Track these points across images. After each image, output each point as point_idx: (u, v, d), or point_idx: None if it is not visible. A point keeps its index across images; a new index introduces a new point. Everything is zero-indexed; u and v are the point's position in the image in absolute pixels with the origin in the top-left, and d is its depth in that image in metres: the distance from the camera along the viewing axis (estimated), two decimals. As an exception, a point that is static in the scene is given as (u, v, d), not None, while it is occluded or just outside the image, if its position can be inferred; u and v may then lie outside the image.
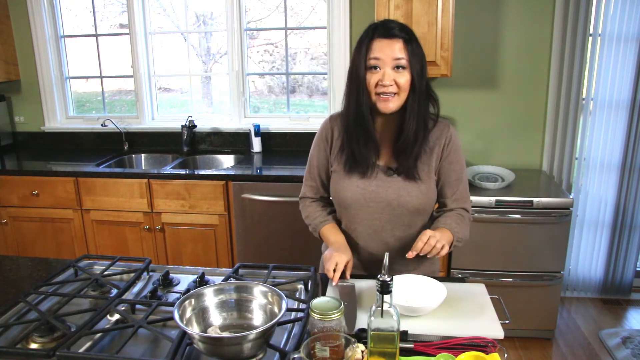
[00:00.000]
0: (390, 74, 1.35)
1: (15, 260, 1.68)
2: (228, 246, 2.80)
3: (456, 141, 1.50)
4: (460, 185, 1.52)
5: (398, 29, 1.36)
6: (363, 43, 1.39)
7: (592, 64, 2.87)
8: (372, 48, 1.36)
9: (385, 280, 0.96)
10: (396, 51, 1.35)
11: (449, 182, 1.51)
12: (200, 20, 3.36)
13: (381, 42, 1.36)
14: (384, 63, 1.35)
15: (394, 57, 1.35)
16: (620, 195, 3.01)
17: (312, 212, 1.61)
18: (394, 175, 1.47)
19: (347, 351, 1.00)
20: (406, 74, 1.36)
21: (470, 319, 1.23)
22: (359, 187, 1.48)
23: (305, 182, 1.65)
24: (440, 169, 1.50)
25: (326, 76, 3.22)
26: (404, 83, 1.36)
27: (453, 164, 1.49)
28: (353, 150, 1.47)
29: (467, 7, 2.87)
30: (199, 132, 3.31)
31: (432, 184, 1.49)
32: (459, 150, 1.51)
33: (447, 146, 1.48)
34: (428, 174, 1.47)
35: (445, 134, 1.48)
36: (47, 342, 1.15)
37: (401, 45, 1.35)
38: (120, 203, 2.82)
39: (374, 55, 1.36)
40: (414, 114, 1.40)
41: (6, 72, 3.33)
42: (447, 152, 1.48)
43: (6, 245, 3.03)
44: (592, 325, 2.87)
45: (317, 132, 1.61)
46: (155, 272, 1.53)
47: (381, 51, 1.35)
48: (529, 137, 3.05)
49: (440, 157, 1.49)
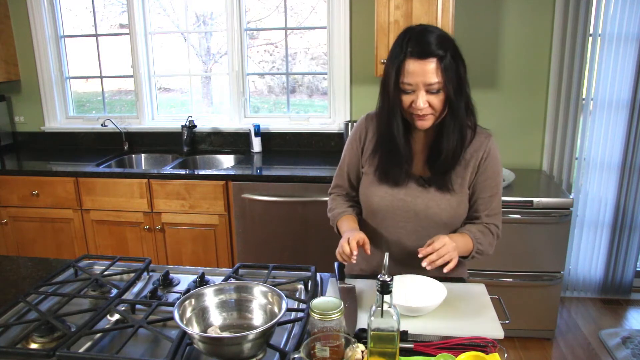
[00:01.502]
0: (423, 96, 1.28)
1: (15, 260, 1.68)
2: (228, 246, 2.80)
3: (495, 155, 1.44)
4: (493, 202, 1.46)
5: (435, 44, 1.26)
6: (395, 60, 1.29)
7: (592, 64, 2.87)
8: (404, 71, 1.27)
9: (385, 280, 0.96)
10: (428, 75, 1.26)
11: (483, 198, 1.45)
12: (200, 20, 3.36)
13: (413, 64, 1.26)
14: (417, 87, 1.28)
15: (426, 83, 1.26)
16: (620, 195, 3.01)
17: (335, 205, 1.59)
18: (426, 186, 1.43)
19: (347, 351, 1.00)
20: (441, 95, 1.29)
21: (470, 319, 1.23)
22: (387, 193, 1.45)
23: (335, 179, 1.63)
24: (475, 184, 1.44)
25: (326, 76, 3.22)
26: (438, 104, 1.30)
27: (489, 179, 1.43)
28: (384, 164, 1.44)
29: (467, 7, 2.87)
30: (199, 132, 3.31)
31: (465, 197, 1.44)
32: (497, 165, 1.44)
33: (485, 160, 1.42)
34: (461, 187, 1.42)
35: (484, 147, 1.42)
36: (47, 342, 1.15)
37: (434, 66, 1.26)
38: (120, 203, 2.82)
39: (406, 81, 1.28)
40: (451, 132, 1.34)
41: (6, 72, 3.33)
42: (484, 167, 1.42)
43: (6, 245, 3.03)
44: (592, 325, 2.87)
45: (352, 130, 1.57)
46: (155, 272, 1.53)
47: (414, 76, 1.27)
48: (529, 137, 3.05)
49: (477, 172, 1.43)
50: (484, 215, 1.46)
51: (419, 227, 1.44)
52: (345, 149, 1.58)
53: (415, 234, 1.45)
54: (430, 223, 1.43)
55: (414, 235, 1.45)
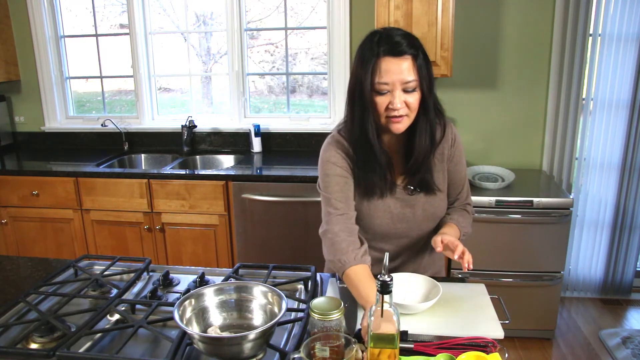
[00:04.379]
0: (400, 96, 1.26)
1: (15, 260, 1.67)
2: (228, 246, 2.80)
3: (459, 140, 1.48)
4: (464, 184, 1.53)
5: (406, 44, 1.25)
6: (368, 61, 1.25)
7: (592, 64, 2.87)
8: (379, 70, 1.24)
9: (385, 280, 0.96)
10: (405, 73, 1.24)
11: (455, 182, 1.50)
12: (200, 20, 3.36)
13: (388, 62, 1.24)
14: (393, 86, 1.25)
15: (403, 81, 1.24)
16: (620, 195, 3.00)
17: (345, 247, 1.33)
18: (416, 193, 1.44)
19: (347, 351, 1.00)
20: (416, 94, 1.28)
21: (470, 319, 1.23)
22: (385, 211, 1.43)
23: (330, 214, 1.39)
24: (449, 171, 1.49)
25: (326, 76, 3.22)
26: (414, 103, 1.28)
27: (458, 164, 1.49)
28: (366, 178, 1.39)
29: (467, 7, 2.87)
30: (199, 132, 3.31)
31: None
32: (461, 149, 1.49)
33: (453, 147, 1.46)
34: (444, 181, 1.47)
35: (449, 134, 1.45)
36: (47, 342, 1.15)
37: (409, 63, 1.24)
38: (120, 203, 2.82)
39: (383, 80, 1.24)
40: (424, 132, 1.34)
41: (6, 72, 3.33)
42: (453, 153, 1.46)
43: (6, 245, 3.03)
44: (592, 325, 2.87)
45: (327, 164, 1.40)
46: (155, 272, 1.53)
47: (389, 75, 1.24)
48: (529, 137, 3.05)
49: (449, 159, 1.47)
50: (460, 198, 1.53)
51: (419, 230, 1.49)
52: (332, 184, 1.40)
53: (412, 234, 1.50)
54: (428, 222, 1.48)
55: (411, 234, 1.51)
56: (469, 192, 1.55)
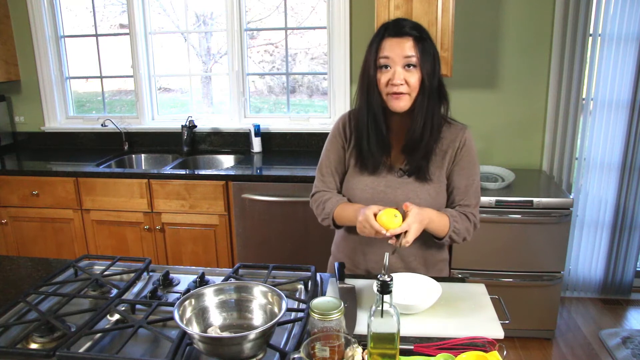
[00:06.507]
0: (400, 72, 1.35)
1: (15, 260, 1.67)
2: (228, 246, 2.80)
3: (471, 146, 1.48)
4: (469, 191, 1.48)
5: (409, 27, 1.36)
6: (374, 42, 1.38)
7: (592, 64, 2.87)
8: (382, 47, 1.36)
9: (385, 280, 0.96)
10: (406, 49, 1.34)
11: (458, 188, 1.48)
12: (200, 20, 3.36)
13: (391, 40, 1.35)
14: (394, 62, 1.35)
15: (404, 55, 1.34)
16: (620, 195, 3.01)
17: (325, 199, 1.53)
18: (405, 177, 1.46)
19: (347, 351, 1.00)
20: (416, 72, 1.35)
21: (470, 319, 1.23)
22: (367, 186, 1.48)
23: (317, 181, 1.58)
24: (451, 173, 1.48)
25: (326, 76, 3.22)
26: (415, 82, 1.35)
27: (464, 169, 1.47)
28: (362, 148, 1.46)
29: (467, 7, 2.87)
30: (199, 132, 3.31)
31: (443, 187, 1.48)
32: (473, 156, 1.48)
33: (460, 150, 1.46)
34: (439, 177, 1.47)
35: (460, 137, 1.47)
36: (47, 342, 1.15)
37: (411, 43, 1.34)
38: (120, 203, 2.82)
39: (384, 54, 1.35)
40: (421, 112, 1.39)
41: (6, 72, 3.33)
42: (460, 157, 1.47)
43: (6, 245, 3.03)
44: (592, 325, 2.87)
45: (332, 127, 1.58)
46: (155, 272, 1.53)
47: (391, 50, 1.35)
48: (529, 137, 3.05)
49: (453, 161, 1.47)
50: (460, 205, 1.50)
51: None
52: (326, 147, 1.57)
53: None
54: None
55: None
56: (475, 203, 1.50)
